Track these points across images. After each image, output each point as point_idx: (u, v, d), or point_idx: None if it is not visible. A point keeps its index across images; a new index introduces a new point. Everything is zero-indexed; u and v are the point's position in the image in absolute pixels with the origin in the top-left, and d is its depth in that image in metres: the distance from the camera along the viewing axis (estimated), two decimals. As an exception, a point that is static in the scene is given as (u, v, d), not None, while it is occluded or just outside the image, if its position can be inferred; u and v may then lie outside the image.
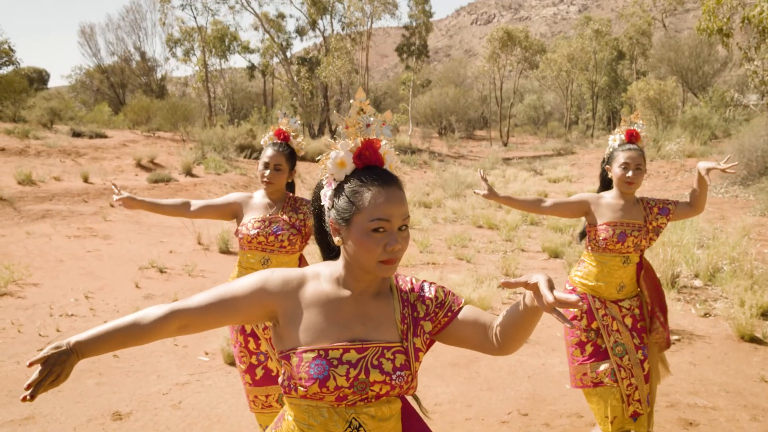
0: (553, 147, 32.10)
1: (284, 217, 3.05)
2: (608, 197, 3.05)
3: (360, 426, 1.41)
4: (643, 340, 2.96)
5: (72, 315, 5.65)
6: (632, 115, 3.10)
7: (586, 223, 3.10)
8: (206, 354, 4.83)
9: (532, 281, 1.30)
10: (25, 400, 1.29)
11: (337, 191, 1.45)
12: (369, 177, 1.42)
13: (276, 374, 2.96)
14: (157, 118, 21.90)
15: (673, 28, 56.03)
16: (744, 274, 6.50)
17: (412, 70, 40.18)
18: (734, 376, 4.41)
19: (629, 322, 2.97)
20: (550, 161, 25.18)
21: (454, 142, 34.81)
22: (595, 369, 2.92)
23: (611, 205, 3.01)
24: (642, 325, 3.00)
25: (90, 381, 4.25)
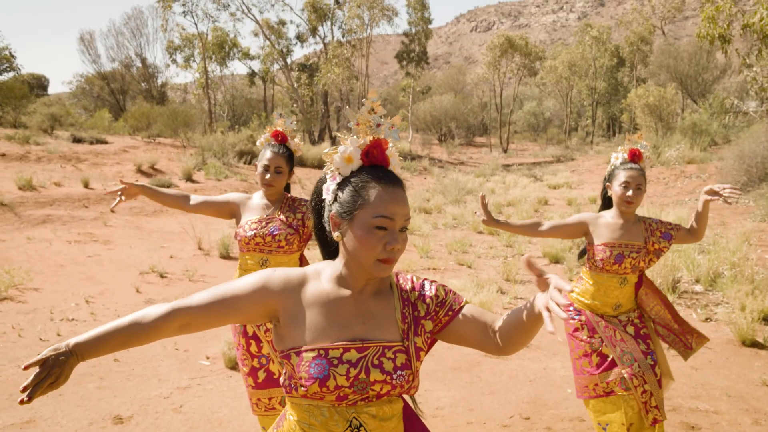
0: (553, 153, 32.15)
1: (281, 217, 3.05)
2: (607, 217, 3.03)
3: (361, 425, 1.40)
4: (649, 346, 2.95)
5: (73, 319, 5.64)
6: (636, 134, 3.10)
7: (586, 242, 3.10)
8: (207, 358, 4.83)
9: (546, 276, 1.30)
10: (23, 402, 1.27)
11: (342, 185, 1.45)
12: (375, 175, 1.43)
13: (278, 377, 2.96)
14: (158, 124, 21.94)
15: (673, 35, 56.26)
16: (745, 279, 6.50)
17: (412, 77, 40.30)
18: (736, 381, 4.41)
19: (631, 330, 2.96)
20: (550, 168, 25.21)
21: (454, 149, 34.87)
22: (605, 379, 2.90)
23: (610, 225, 3.00)
24: (645, 332, 2.99)
25: (91, 385, 4.24)
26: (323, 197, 1.52)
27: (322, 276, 1.51)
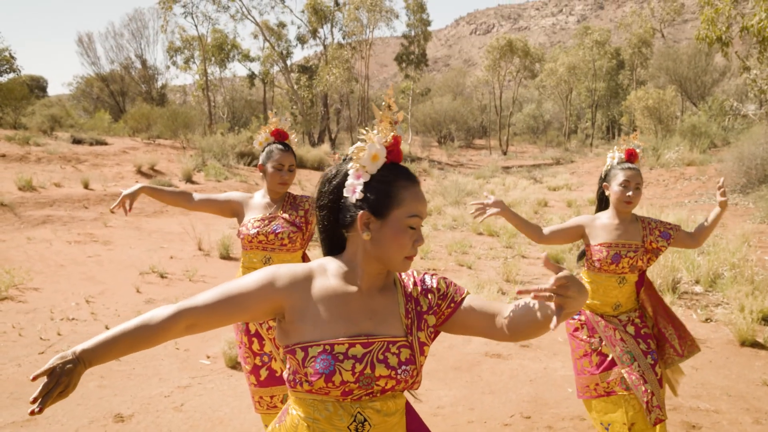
0: (552, 156, 32.20)
1: (284, 215, 3.05)
2: (604, 218, 3.03)
3: (365, 420, 1.40)
4: (650, 346, 2.94)
5: (73, 319, 5.64)
6: (631, 135, 3.11)
7: (584, 243, 3.11)
8: (207, 357, 4.83)
9: (561, 274, 1.27)
10: (34, 413, 1.26)
11: (370, 184, 1.44)
12: (400, 173, 1.46)
13: (280, 375, 2.96)
14: (158, 125, 21.93)
15: (672, 38, 56.37)
16: (744, 280, 6.51)
17: (412, 79, 40.34)
18: (736, 380, 4.41)
19: (632, 330, 2.96)
20: (550, 170, 25.25)
21: (453, 151, 34.93)
22: (606, 378, 2.90)
23: (606, 225, 3.00)
24: (646, 331, 2.99)
25: (92, 384, 4.24)
26: (344, 196, 1.47)
27: (328, 271, 1.50)
